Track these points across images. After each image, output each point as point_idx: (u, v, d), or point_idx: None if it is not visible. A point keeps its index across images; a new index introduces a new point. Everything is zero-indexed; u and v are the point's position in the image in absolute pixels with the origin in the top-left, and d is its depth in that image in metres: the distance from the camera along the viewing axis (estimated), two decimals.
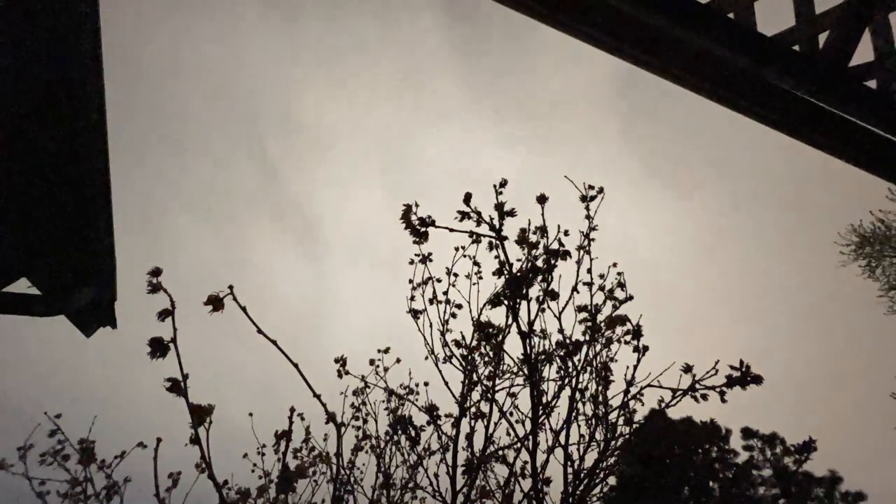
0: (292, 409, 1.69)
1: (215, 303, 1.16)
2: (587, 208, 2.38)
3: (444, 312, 2.50)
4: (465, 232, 1.68)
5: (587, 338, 2.34)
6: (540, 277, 2.08)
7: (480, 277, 2.51)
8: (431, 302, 2.52)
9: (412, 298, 2.55)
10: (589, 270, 2.35)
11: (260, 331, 1.32)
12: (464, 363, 2.38)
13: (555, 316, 2.21)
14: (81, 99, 2.06)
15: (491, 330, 2.19)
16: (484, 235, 1.73)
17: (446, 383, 2.32)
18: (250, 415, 3.01)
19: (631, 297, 2.44)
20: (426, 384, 2.90)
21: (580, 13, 1.42)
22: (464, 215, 1.67)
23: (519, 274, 1.97)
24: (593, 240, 2.39)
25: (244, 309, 1.24)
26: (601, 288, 2.43)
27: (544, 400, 2.19)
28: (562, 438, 2.17)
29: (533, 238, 2.14)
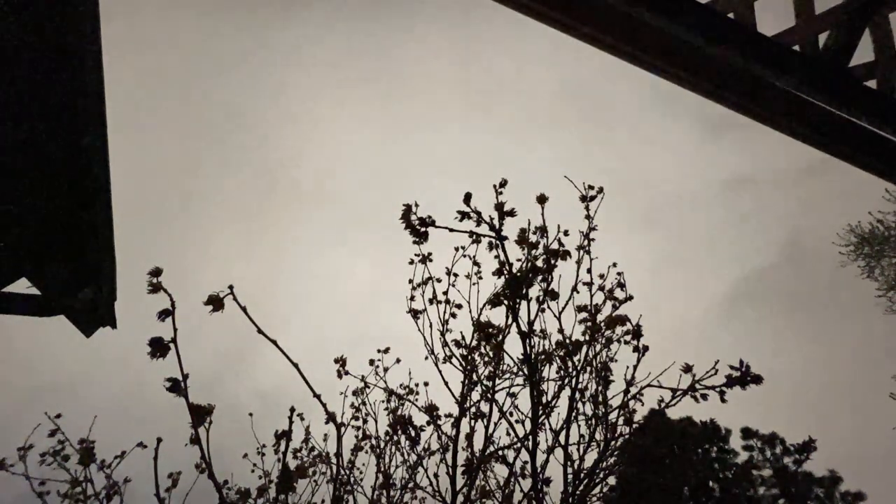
0: (292, 409, 1.69)
1: (215, 302, 1.16)
2: (587, 208, 2.38)
3: (444, 312, 2.51)
4: (465, 232, 1.68)
5: (587, 338, 2.34)
6: (540, 277, 2.08)
7: (480, 277, 2.51)
8: (431, 302, 2.52)
9: (412, 298, 2.55)
10: (589, 270, 2.36)
11: (260, 331, 1.32)
12: (464, 363, 2.38)
13: (555, 316, 2.21)
14: (81, 97, 2.06)
15: (491, 330, 2.18)
16: (484, 235, 1.73)
17: (446, 383, 2.32)
18: (250, 415, 3.01)
19: (631, 297, 2.44)
20: (426, 384, 2.90)
21: (580, 13, 1.42)
22: (464, 215, 1.66)
23: (519, 274, 1.97)
24: (593, 240, 2.40)
25: (244, 309, 1.24)
26: (601, 288, 2.43)
27: (544, 400, 2.19)
28: (562, 438, 2.17)
29: (533, 238, 2.14)
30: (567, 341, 2.30)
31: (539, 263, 2.10)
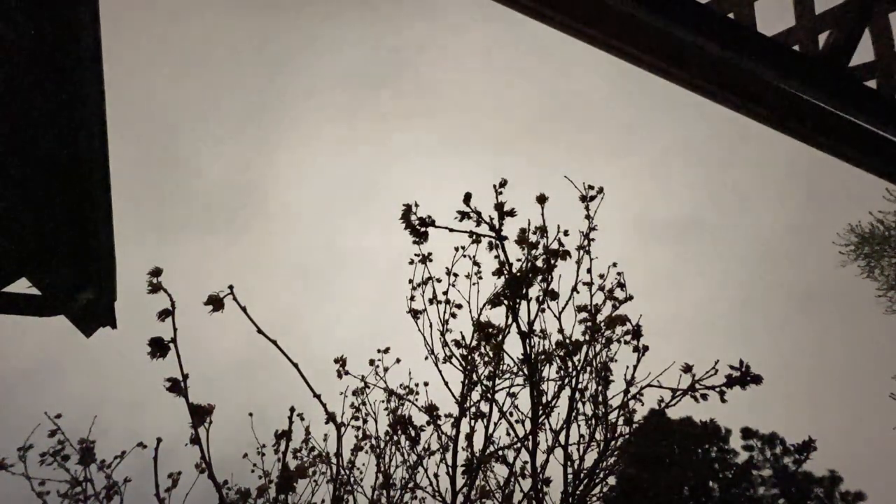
0: (292, 409, 1.69)
1: (215, 303, 1.16)
2: (587, 208, 2.38)
3: (444, 312, 2.51)
4: (465, 232, 1.68)
5: (587, 338, 2.34)
6: (540, 277, 2.08)
7: (480, 277, 2.51)
8: (431, 302, 2.52)
9: (412, 298, 2.55)
10: (589, 270, 2.36)
11: (260, 331, 1.32)
12: (464, 363, 2.38)
13: (555, 316, 2.21)
14: (81, 98, 2.06)
15: (491, 330, 2.18)
16: (484, 235, 1.73)
17: (446, 383, 2.32)
18: (250, 415, 3.01)
19: (631, 297, 2.44)
20: (426, 384, 2.90)
21: (580, 14, 1.42)
22: (464, 215, 1.66)
23: (519, 274, 1.97)
24: (593, 240, 2.40)
25: (244, 309, 1.24)
26: (601, 288, 2.43)
27: (544, 400, 2.19)
28: (562, 438, 2.17)
29: (533, 238, 2.14)
30: (567, 341, 2.30)
31: (539, 263, 2.10)
